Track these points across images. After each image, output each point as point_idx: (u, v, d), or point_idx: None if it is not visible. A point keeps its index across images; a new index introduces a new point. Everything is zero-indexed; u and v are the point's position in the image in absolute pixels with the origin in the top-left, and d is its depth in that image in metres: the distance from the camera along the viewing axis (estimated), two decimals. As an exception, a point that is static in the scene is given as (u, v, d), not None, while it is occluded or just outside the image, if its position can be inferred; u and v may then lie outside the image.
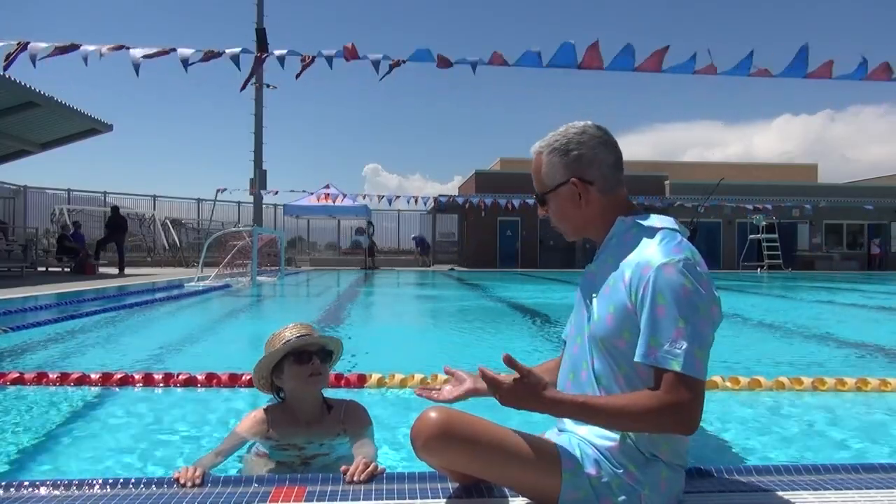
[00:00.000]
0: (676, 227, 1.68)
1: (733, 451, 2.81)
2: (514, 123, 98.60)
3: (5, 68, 8.35)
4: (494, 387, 1.59)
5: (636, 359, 1.54)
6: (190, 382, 3.75)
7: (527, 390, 1.55)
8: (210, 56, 8.60)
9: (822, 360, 5.35)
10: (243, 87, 9.59)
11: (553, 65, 8.37)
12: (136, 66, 8.34)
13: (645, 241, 1.63)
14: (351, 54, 8.71)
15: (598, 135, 1.73)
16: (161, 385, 3.75)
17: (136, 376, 3.80)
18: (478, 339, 6.59)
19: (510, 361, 1.53)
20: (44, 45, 8.38)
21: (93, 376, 3.76)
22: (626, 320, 1.58)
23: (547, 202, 1.78)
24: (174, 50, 8.60)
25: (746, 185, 29.92)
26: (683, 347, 1.48)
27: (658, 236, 1.62)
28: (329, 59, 8.77)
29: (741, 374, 3.87)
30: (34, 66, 8.31)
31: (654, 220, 1.68)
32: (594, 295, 1.71)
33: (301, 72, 8.80)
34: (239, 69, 8.86)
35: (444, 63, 8.59)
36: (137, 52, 8.42)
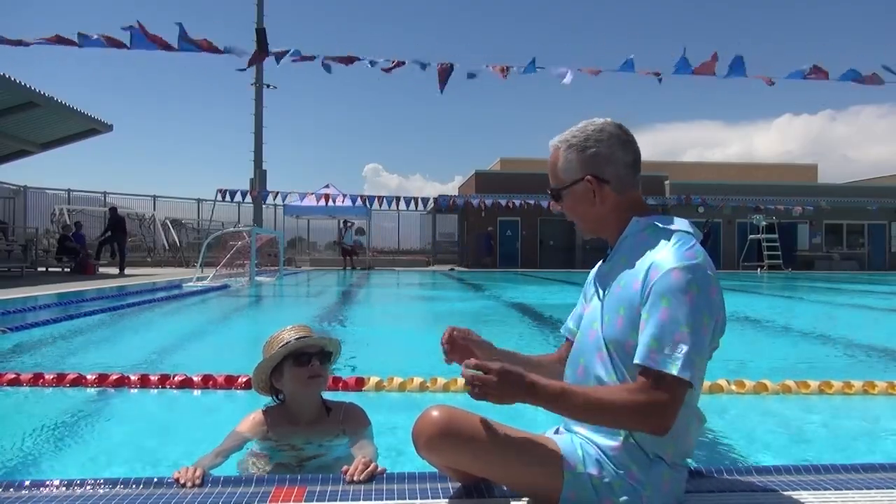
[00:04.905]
0: (690, 229, 1.67)
1: (737, 453, 2.80)
2: (514, 123, 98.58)
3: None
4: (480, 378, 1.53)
5: (635, 360, 1.53)
6: (186, 384, 3.75)
7: (511, 379, 1.52)
8: (209, 47, 8.57)
9: (826, 362, 5.32)
10: (248, 65, 9.51)
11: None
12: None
13: (660, 243, 1.63)
14: (347, 60, 8.75)
15: (616, 133, 1.72)
16: (157, 387, 3.74)
17: (133, 377, 3.79)
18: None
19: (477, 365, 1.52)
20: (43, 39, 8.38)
21: (89, 377, 3.75)
22: (637, 322, 1.58)
23: (561, 198, 1.78)
24: (173, 47, 8.60)
25: (746, 185, 29.93)
26: (683, 352, 1.48)
27: (673, 239, 1.62)
28: (327, 66, 8.79)
29: (745, 378, 3.82)
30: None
31: (669, 222, 1.68)
32: (606, 295, 1.70)
33: (299, 60, 8.81)
34: (236, 56, 8.85)
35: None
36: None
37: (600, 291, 1.74)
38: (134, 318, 7.78)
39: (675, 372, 1.47)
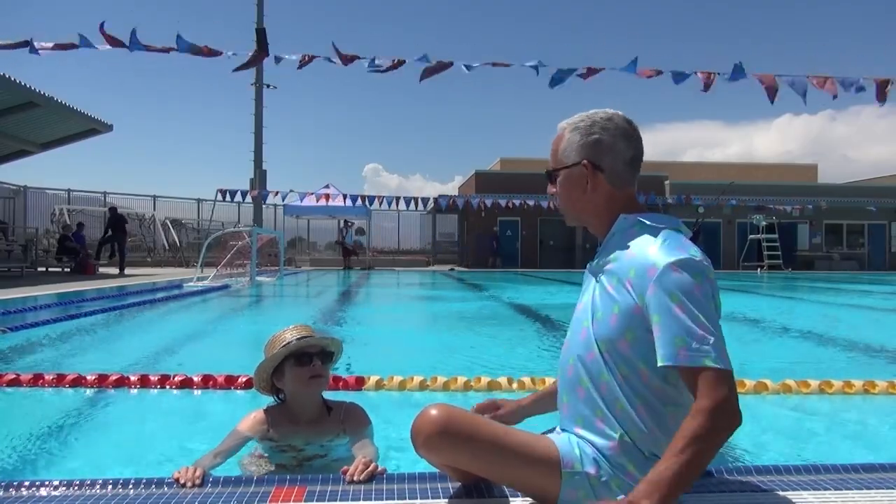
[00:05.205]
0: (679, 226, 1.67)
1: (737, 453, 2.80)
2: (514, 123, 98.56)
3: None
4: None
5: (662, 362, 1.48)
6: (186, 384, 3.75)
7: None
8: (210, 52, 8.56)
9: (826, 362, 5.32)
10: (238, 69, 9.46)
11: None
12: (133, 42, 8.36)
13: (648, 239, 1.61)
14: (347, 59, 8.74)
15: (624, 127, 1.72)
16: (157, 387, 3.74)
17: (132, 378, 3.79)
18: (476, 340, 6.58)
19: None
20: (46, 43, 8.39)
21: (89, 377, 3.75)
22: (631, 321, 1.57)
23: (556, 180, 1.78)
24: (173, 49, 8.60)
25: (746, 185, 29.92)
26: (711, 342, 1.46)
27: (661, 235, 1.61)
28: (329, 59, 8.79)
29: (745, 378, 3.80)
30: (37, 52, 8.31)
31: (657, 219, 1.67)
32: (596, 294, 1.69)
33: (301, 66, 8.81)
34: (235, 54, 8.81)
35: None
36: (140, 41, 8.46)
37: (590, 290, 1.73)
38: (134, 319, 7.78)
39: (711, 364, 1.45)
